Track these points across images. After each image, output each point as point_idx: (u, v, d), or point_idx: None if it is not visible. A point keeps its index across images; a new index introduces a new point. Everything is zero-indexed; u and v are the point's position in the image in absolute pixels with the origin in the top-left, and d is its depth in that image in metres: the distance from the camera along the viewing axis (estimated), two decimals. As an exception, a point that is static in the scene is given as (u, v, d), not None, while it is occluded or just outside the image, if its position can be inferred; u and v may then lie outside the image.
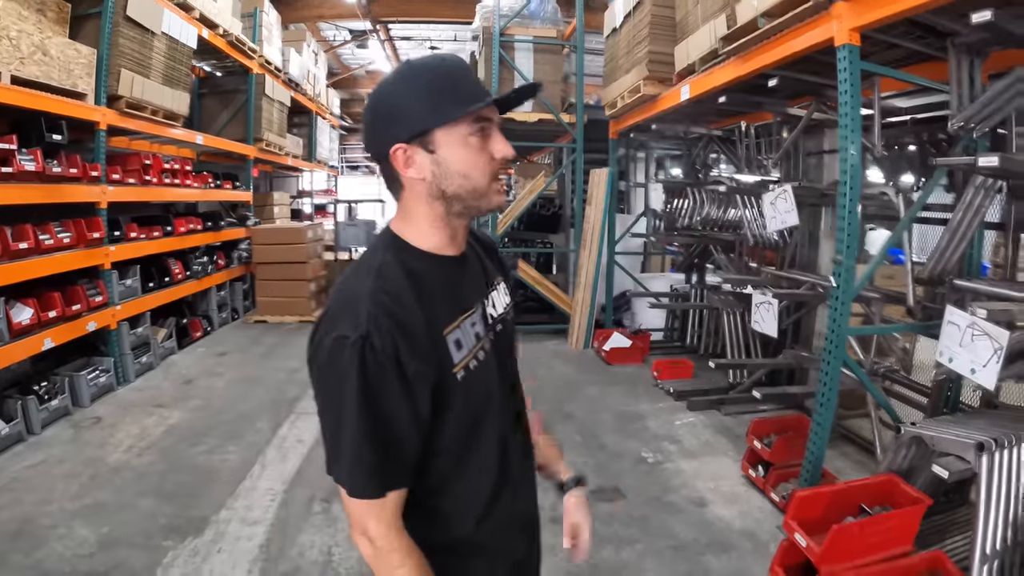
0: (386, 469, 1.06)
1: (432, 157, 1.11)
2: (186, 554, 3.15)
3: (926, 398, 3.78)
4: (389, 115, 1.13)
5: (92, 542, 3.23)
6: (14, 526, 3.35)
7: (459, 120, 1.09)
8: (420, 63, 1.13)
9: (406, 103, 1.10)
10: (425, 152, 1.11)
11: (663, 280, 8.03)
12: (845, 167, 3.06)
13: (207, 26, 6.72)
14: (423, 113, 1.09)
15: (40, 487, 3.80)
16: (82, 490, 3.77)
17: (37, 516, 3.45)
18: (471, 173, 1.12)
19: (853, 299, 3.21)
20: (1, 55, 4.01)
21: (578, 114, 7.54)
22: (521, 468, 1.33)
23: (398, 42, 14.49)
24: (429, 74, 1.11)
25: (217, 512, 3.56)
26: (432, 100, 1.09)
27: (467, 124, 1.10)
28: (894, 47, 3.32)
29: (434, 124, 1.09)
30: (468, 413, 1.16)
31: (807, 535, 2.69)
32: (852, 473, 3.92)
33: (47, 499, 3.64)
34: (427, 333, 1.08)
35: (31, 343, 4.49)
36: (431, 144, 1.10)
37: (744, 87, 4.24)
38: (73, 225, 5.04)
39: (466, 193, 1.13)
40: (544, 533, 1.49)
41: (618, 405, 5.43)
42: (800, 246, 4.87)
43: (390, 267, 1.11)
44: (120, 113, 5.45)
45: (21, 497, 3.66)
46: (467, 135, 1.10)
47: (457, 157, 1.11)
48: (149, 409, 5.14)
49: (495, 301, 1.31)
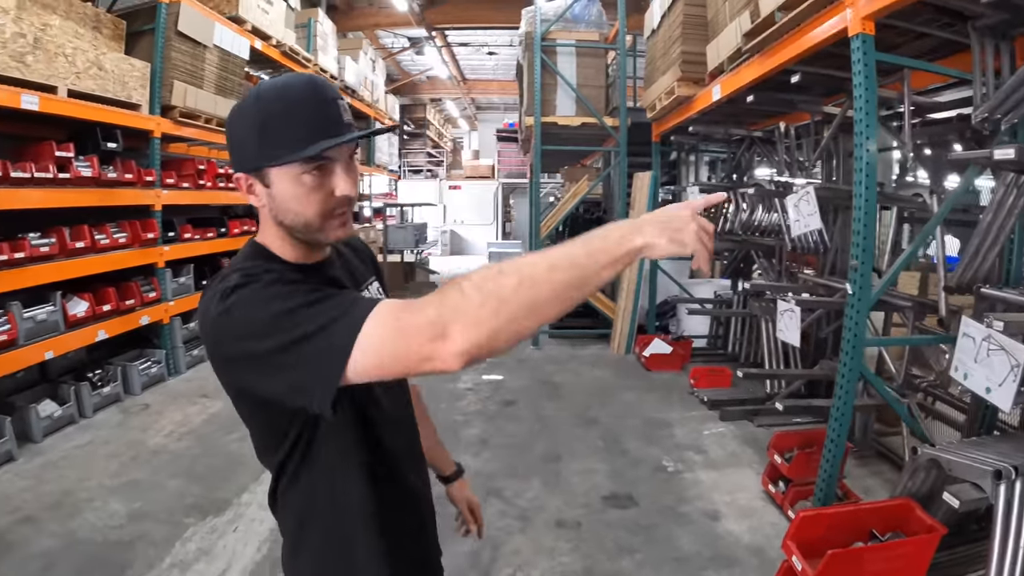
0: (350, 296, 1.00)
1: (267, 191, 1.09)
2: (204, 531, 3.36)
3: (965, 415, 3.50)
4: (233, 144, 1.11)
5: (122, 515, 3.49)
6: (55, 498, 3.63)
7: (290, 160, 1.05)
8: (267, 91, 1.08)
9: (244, 136, 1.08)
10: (261, 185, 1.09)
11: (709, 286, 7.78)
12: (860, 165, 2.88)
13: (260, 37, 6.95)
14: (255, 150, 1.06)
15: (83, 465, 4.09)
16: (121, 469, 4.05)
17: (77, 490, 3.74)
18: (302, 211, 1.08)
19: (872, 307, 3.01)
20: (58, 70, 4.29)
21: (621, 117, 7.42)
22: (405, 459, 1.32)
23: (456, 48, 14.67)
24: (270, 106, 1.05)
25: (239, 495, 3.75)
26: (265, 138, 1.05)
27: (299, 164, 1.05)
28: (923, 37, 3.10)
29: (264, 164, 1.06)
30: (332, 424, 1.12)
31: (805, 558, 2.53)
32: (883, 494, 3.67)
33: (88, 476, 3.94)
34: None
35: (85, 334, 4.82)
36: (266, 178, 1.08)
37: (773, 85, 4.06)
38: (129, 226, 5.37)
39: (300, 227, 1.10)
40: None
41: (649, 412, 5.31)
42: (840, 251, 4.61)
43: (255, 268, 1.09)
44: (174, 122, 5.74)
45: (65, 473, 3.96)
46: (299, 174, 1.05)
47: (289, 195, 1.07)
48: (194, 399, 5.40)
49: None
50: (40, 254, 4.40)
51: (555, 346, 7.79)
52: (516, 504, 3.71)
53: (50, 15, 4.32)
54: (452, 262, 17.56)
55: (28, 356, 4.28)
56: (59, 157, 4.51)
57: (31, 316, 4.35)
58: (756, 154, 6.10)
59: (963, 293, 2.99)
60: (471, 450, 4.48)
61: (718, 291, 7.42)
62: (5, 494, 3.65)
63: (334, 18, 9.78)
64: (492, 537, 3.28)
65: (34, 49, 4.08)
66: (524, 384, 6.16)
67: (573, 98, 7.49)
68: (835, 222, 4.56)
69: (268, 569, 3.02)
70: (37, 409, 4.38)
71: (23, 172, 4.15)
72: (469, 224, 20.35)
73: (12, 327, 4.14)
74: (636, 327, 7.32)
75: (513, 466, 4.24)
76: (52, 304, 4.55)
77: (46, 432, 4.44)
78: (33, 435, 4.33)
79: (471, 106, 21.87)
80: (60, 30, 4.33)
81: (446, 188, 20.14)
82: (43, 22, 4.17)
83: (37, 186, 4.30)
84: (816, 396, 4.91)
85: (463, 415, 5.24)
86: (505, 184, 20.04)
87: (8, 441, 4.02)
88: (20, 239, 4.25)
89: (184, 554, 3.12)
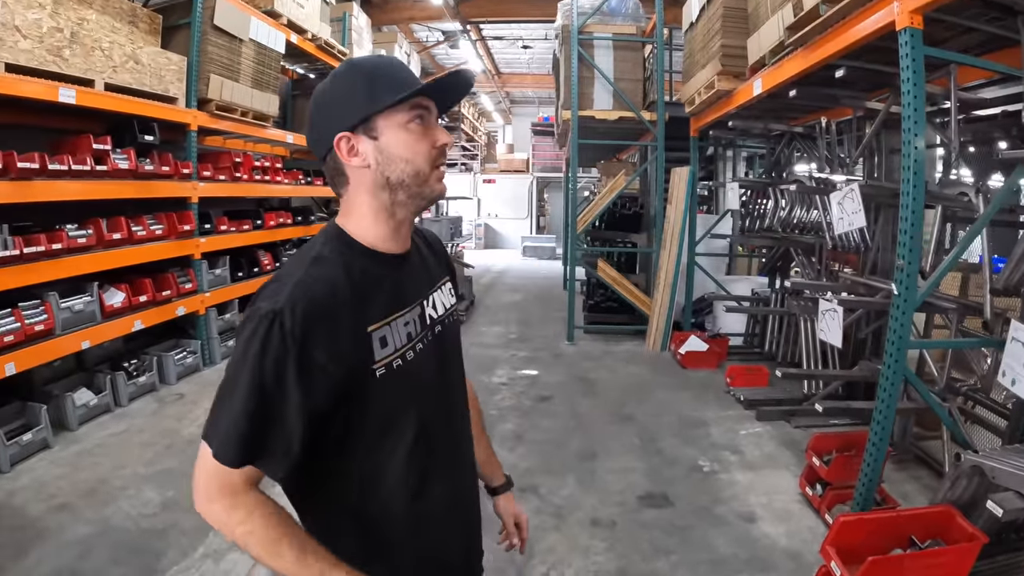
0: (257, 444, 1.06)
1: (375, 144, 1.14)
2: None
3: (1006, 421, 3.40)
4: (331, 108, 1.16)
5: (156, 503, 3.54)
6: (90, 485, 3.71)
7: (398, 107, 1.13)
8: (358, 61, 1.19)
9: (347, 95, 1.15)
10: (368, 139, 1.14)
11: (746, 283, 7.68)
12: (908, 163, 2.81)
13: (295, 31, 7.01)
14: (363, 102, 1.13)
15: (118, 453, 4.17)
16: (155, 457, 4.12)
17: (111, 478, 3.81)
18: (413, 158, 1.15)
19: (917, 308, 2.93)
20: (95, 64, 4.37)
21: (659, 111, 7.34)
22: (454, 468, 1.32)
23: (491, 42, 14.64)
24: (366, 69, 1.16)
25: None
26: (371, 90, 1.12)
27: (405, 111, 1.14)
28: (971, 32, 3.00)
29: (374, 110, 1.12)
30: (386, 409, 1.15)
31: (844, 564, 2.49)
32: (920, 499, 3.59)
33: (123, 464, 4.00)
34: (349, 326, 1.09)
35: (122, 324, 4.91)
36: (373, 131, 1.14)
37: (816, 80, 3.98)
38: (165, 218, 5.44)
39: (409, 178, 1.16)
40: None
41: (685, 410, 5.27)
42: (882, 250, 4.52)
43: (327, 258, 1.14)
44: (211, 115, 5.82)
45: (100, 461, 4.03)
46: (406, 121, 1.14)
47: (398, 141, 1.14)
48: (229, 389, 5.46)
49: (436, 302, 1.31)
50: (77, 245, 4.47)
51: (590, 342, 7.77)
52: (551, 501, 3.71)
53: (86, 9, 4.38)
54: (486, 256, 17.61)
55: (65, 345, 4.35)
56: (96, 150, 4.58)
57: (68, 306, 4.44)
58: (796, 150, 5.98)
59: (1010, 295, 2.91)
60: (506, 445, 4.49)
61: (755, 289, 7.31)
62: (41, 481, 3.73)
63: (369, 12, 9.83)
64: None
65: (71, 43, 4.14)
66: (559, 380, 6.16)
67: (610, 92, 7.43)
68: (876, 220, 4.46)
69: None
70: (73, 398, 4.46)
71: (61, 164, 4.22)
72: (503, 218, 20.36)
73: (49, 317, 4.22)
74: (672, 324, 7.26)
75: (548, 462, 4.25)
76: (89, 294, 4.63)
77: (82, 420, 4.52)
78: (69, 423, 4.42)
79: (505, 100, 21.82)
80: (96, 24, 4.41)
81: (480, 182, 20.17)
82: (80, 16, 4.23)
83: (75, 178, 4.37)
84: (854, 398, 4.82)
85: (498, 409, 5.26)
86: (540, 178, 20.01)
87: (44, 429, 4.10)
88: (58, 230, 4.32)
89: (217, 544, 3.14)
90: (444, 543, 1.29)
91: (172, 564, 2.98)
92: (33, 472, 3.83)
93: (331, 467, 1.16)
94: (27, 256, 4.00)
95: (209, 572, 2.94)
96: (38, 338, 4.15)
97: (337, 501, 1.19)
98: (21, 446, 3.93)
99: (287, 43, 6.79)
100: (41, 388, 4.53)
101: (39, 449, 4.08)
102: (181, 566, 2.97)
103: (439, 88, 1.19)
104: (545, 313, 9.67)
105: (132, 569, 2.93)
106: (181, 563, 3.00)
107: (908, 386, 3.51)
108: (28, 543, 3.08)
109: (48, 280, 4.20)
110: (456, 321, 1.38)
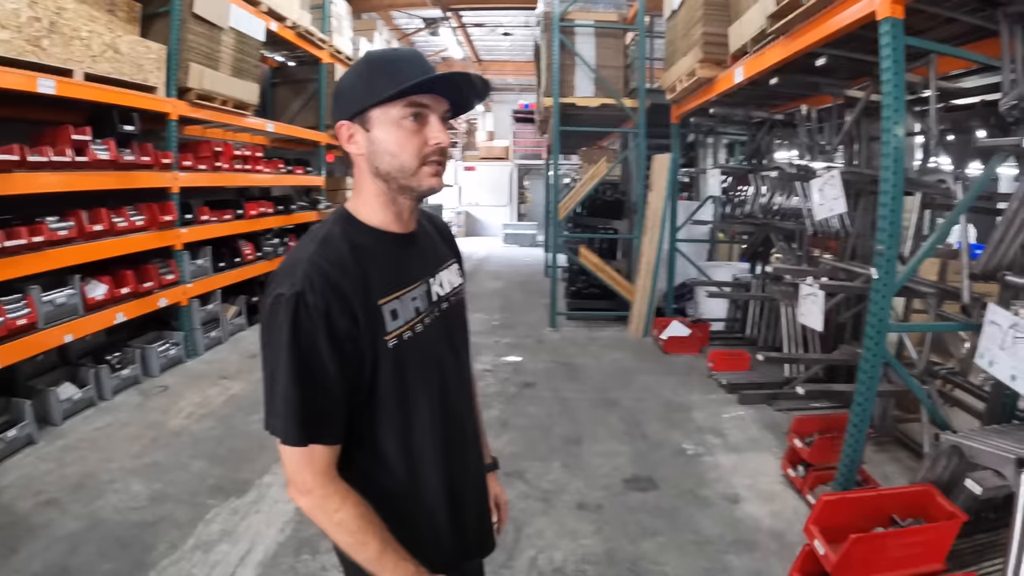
0: (314, 418, 1.11)
1: (367, 135, 1.19)
2: (227, 512, 3.40)
3: (984, 403, 3.50)
4: (340, 96, 1.22)
5: (144, 496, 3.53)
6: (76, 480, 3.69)
7: (393, 102, 1.16)
8: (375, 54, 1.23)
9: (350, 85, 1.20)
10: (363, 130, 1.19)
11: (727, 269, 7.76)
12: (888, 150, 2.86)
13: (275, 19, 6.93)
14: (361, 94, 1.17)
15: (105, 447, 4.14)
16: (142, 451, 4.10)
17: (99, 472, 3.79)
18: (399, 153, 1.18)
19: (896, 293, 3.00)
20: (74, 54, 4.28)
21: (640, 99, 7.36)
22: (464, 438, 1.40)
23: (471, 29, 14.53)
24: (376, 62, 1.20)
25: (261, 477, 3.80)
26: (371, 82, 1.16)
27: (400, 107, 1.17)
28: (951, 22, 3.05)
29: (368, 103, 1.16)
30: (398, 379, 1.21)
31: (827, 542, 2.56)
32: (901, 480, 3.69)
33: (110, 457, 3.98)
34: (361, 299, 1.15)
35: (104, 316, 4.86)
36: (368, 123, 1.19)
37: (797, 68, 4.02)
38: (146, 209, 5.39)
39: (395, 171, 1.19)
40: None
41: (668, 394, 5.35)
42: (861, 236, 4.59)
43: (335, 238, 1.19)
44: (191, 104, 5.73)
45: (86, 455, 4.01)
46: (400, 118, 1.17)
47: (387, 136, 1.18)
48: (213, 380, 5.47)
49: (443, 280, 1.38)
50: (59, 238, 4.41)
51: (573, 328, 7.82)
52: (538, 486, 3.76)
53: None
54: (468, 244, 17.56)
55: (48, 339, 4.30)
56: (76, 141, 4.51)
57: (50, 300, 4.38)
58: (776, 137, 6.04)
59: (988, 281, 2.98)
60: (492, 431, 4.50)
61: (736, 274, 7.40)
62: (28, 477, 3.70)
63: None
64: (515, 519, 3.33)
65: (50, 33, 4.06)
66: (543, 366, 6.21)
67: (592, 79, 7.44)
68: (857, 207, 4.53)
69: (292, 549, 3.06)
70: (57, 392, 4.42)
71: (41, 156, 4.15)
72: (484, 206, 20.29)
73: (32, 311, 4.17)
74: (654, 309, 7.33)
75: (534, 448, 4.29)
76: (71, 287, 4.58)
77: (66, 415, 4.48)
78: (53, 418, 4.38)
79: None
80: (75, 13, 4.32)
81: (460, 169, 20.06)
82: (58, 6, 4.14)
83: (55, 170, 4.30)
84: (835, 381, 4.92)
85: (482, 396, 5.21)
86: (520, 166, 19.95)
87: (29, 424, 4.06)
88: (39, 223, 4.25)
89: (207, 535, 3.16)
90: (461, 507, 1.36)
91: (162, 557, 2.98)
92: (20, 468, 3.79)
93: (354, 437, 1.21)
94: (8, 250, 3.93)
95: (199, 563, 2.95)
96: (21, 332, 4.10)
97: (356, 474, 1.22)
98: (6, 442, 3.89)
99: (267, 31, 6.71)
100: (24, 383, 4.48)
101: (24, 445, 4.03)
102: (171, 558, 2.97)
103: (438, 88, 1.20)
104: (527, 300, 9.71)
105: (123, 563, 2.92)
106: (171, 555, 3.00)
107: (888, 369, 3.59)
108: (17, 540, 3.06)
109: (30, 273, 4.13)
110: (461, 300, 1.46)
